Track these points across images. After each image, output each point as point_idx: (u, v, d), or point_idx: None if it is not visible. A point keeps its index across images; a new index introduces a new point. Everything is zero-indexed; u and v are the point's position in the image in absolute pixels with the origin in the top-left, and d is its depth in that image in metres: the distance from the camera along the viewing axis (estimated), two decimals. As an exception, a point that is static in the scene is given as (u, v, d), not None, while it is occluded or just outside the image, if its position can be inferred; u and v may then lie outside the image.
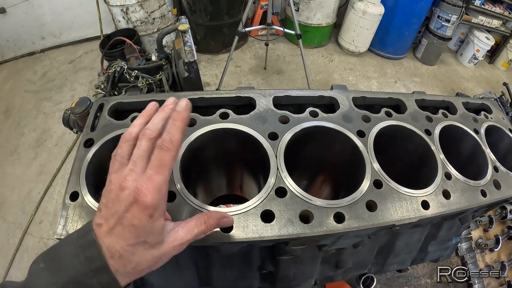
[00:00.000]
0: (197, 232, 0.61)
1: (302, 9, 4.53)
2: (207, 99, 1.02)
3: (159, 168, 0.55)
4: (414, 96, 1.19)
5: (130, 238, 0.53)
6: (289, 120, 0.96)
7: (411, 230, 1.19)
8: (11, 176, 3.45)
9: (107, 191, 0.56)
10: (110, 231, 0.53)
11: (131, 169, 0.55)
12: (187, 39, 2.58)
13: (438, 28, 4.65)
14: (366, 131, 0.99)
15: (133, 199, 0.52)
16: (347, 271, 1.31)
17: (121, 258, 0.52)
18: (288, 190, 0.82)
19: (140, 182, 0.53)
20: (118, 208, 0.53)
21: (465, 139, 1.15)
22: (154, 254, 0.56)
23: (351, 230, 0.80)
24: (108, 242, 0.52)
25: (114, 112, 1.05)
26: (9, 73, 4.79)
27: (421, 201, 0.90)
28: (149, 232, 0.54)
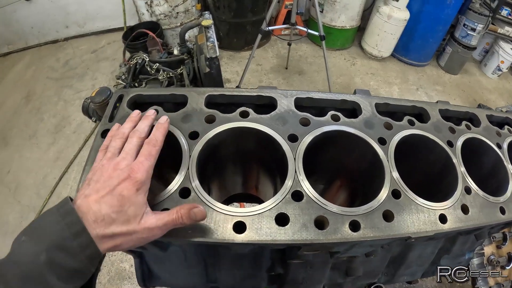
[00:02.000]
0: (167, 220, 0.68)
1: (326, 11, 4.49)
2: (228, 96, 1.01)
3: (148, 156, 0.71)
4: (438, 106, 1.15)
5: (116, 206, 0.63)
6: (310, 122, 0.94)
7: (425, 242, 1.16)
8: (28, 160, 3.52)
9: (98, 171, 0.68)
10: (100, 199, 0.63)
11: (123, 157, 0.70)
12: (210, 34, 2.58)
13: (463, 37, 4.56)
14: (388, 138, 0.97)
15: (127, 175, 0.66)
16: (356, 279, 1.28)
17: (103, 222, 0.61)
18: (304, 194, 0.80)
19: (132, 165, 0.68)
20: (111, 182, 0.65)
21: (487, 153, 1.11)
22: (129, 228, 0.64)
23: (366, 240, 0.78)
24: (95, 207, 0.62)
25: (133, 104, 1.05)
26: (32, 60, 4.89)
27: (439, 215, 0.87)
28: (132, 202, 0.65)
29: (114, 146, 0.73)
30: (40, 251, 0.56)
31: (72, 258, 0.58)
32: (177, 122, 0.93)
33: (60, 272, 0.57)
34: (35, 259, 0.56)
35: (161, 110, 0.97)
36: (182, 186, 0.80)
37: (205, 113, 0.95)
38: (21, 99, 4.23)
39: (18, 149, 3.67)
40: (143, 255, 1.19)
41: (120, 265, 2.65)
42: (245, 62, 4.43)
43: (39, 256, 0.56)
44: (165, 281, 1.29)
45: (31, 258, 0.56)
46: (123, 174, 0.66)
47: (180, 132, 0.90)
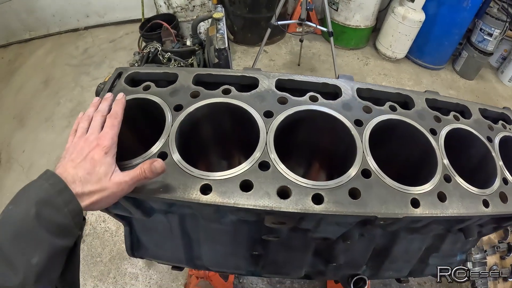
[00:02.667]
0: (132, 175, 0.77)
1: (341, 9, 4.47)
2: (214, 75, 1.07)
3: (111, 126, 0.83)
4: (425, 95, 1.16)
5: (89, 168, 0.74)
6: (288, 101, 0.98)
7: (410, 236, 1.15)
8: (43, 141, 3.64)
9: (72, 147, 0.80)
10: (76, 165, 0.74)
11: (91, 132, 0.82)
12: (220, 26, 2.64)
13: (479, 42, 4.48)
14: (365, 121, 0.98)
15: (96, 144, 0.78)
16: (339, 268, 1.30)
17: (80, 182, 0.71)
18: (271, 164, 0.84)
19: (100, 135, 0.80)
20: (83, 151, 0.77)
21: (475, 145, 1.10)
22: (102, 185, 0.73)
23: (329, 214, 0.80)
24: (72, 171, 0.72)
25: (131, 80, 1.13)
26: (52, 46, 5.03)
27: (411, 199, 0.86)
28: (102, 163, 0.75)
29: (82, 126, 0.84)
30: (29, 207, 0.63)
31: (58, 212, 0.65)
32: (165, 96, 1.00)
33: (48, 226, 0.63)
34: (25, 216, 0.62)
35: (153, 86, 1.04)
36: (161, 150, 0.87)
37: (191, 89, 1.01)
38: (39, 83, 4.36)
39: (34, 130, 3.79)
40: (132, 223, 1.25)
41: (122, 245, 2.72)
42: (260, 57, 4.48)
43: (29, 211, 0.62)
44: (152, 253, 1.34)
45: (22, 215, 0.62)
46: (92, 144, 0.78)
47: (166, 104, 0.97)
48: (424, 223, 1.02)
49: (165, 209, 1.01)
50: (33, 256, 0.60)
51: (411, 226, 1.05)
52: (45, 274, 0.61)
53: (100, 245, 2.75)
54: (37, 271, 0.60)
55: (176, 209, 1.05)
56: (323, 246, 1.19)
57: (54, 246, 0.64)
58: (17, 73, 4.61)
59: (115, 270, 2.61)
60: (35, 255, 0.60)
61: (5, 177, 3.40)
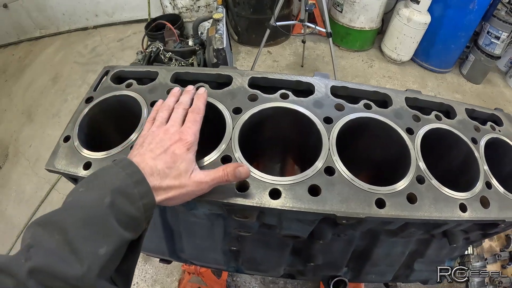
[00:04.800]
0: (214, 176, 0.75)
1: (345, 11, 4.48)
2: (192, 74, 1.10)
3: (194, 122, 0.81)
4: (405, 94, 1.12)
5: (170, 162, 0.72)
6: (258, 98, 0.99)
7: (391, 239, 1.12)
8: (50, 136, 3.74)
9: (150, 136, 0.77)
10: (156, 157, 0.72)
11: (172, 124, 0.79)
12: (219, 27, 2.69)
13: (486, 45, 4.43)
14: (335, 119, 0.96)
15: (178, 137, 0.76)
16: (318, 269, 1.29)
17: (158, 176, 0.69)
18: (233, 158, 0.86)
19: (182, 129, 0.78)
20: (164, 143, 0.74)
21: (457, 147, 1.04)
22: (181, 181, 0.72)
23: (286, 210, 0.79)
24: (151, 163, 0.70)
25: (117, 78, 1.17)
26: (62, 44, 5.17)
27: (376, 199, 0.83)
28: (183, 159, 0.73)
29: (162, 116, 0.82)
30: (104, 195, 0.60)
31: (132, 204, 0.63)
32: (144, 93, 1.04)
33: (120, 217, 0.60)
34: (99, 202, 0.59)
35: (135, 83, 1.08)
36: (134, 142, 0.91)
37: (168, 86, 1.05)
38: (48, 80, 4.49)
39: (41, 126, 3.91)
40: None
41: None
42: (263, 58, 4.53)
43: (104, 198, 0.60)
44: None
45: (96, 201, 0.60)
46: (174, 137, 0.76)
47: (144, 100, 1.01)
48: (398, 226, 0.98)
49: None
50: (101, 246, 0.56)
51: (387, 228, 1.01)
52: (108, 266, 0.58)
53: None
54: (102, 263, 0.56)
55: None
56: (300, 246, 1.18)
57: (123, 239, 0.60)
58: (27, 70, 4.74)
59: (112, 263, 2.67)
60: (103, 245, 0.57)
61: (12, 170, 3.53)
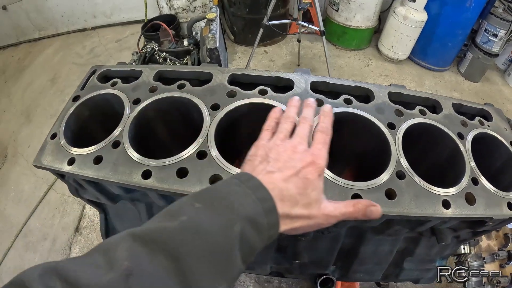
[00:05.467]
0: (344, 211, 0.67)
1: (341, 10, 4.48)
2: (174, 72, 1.13)
3: (324, 144, 0.70)
4: (388, 89, 1.11)
5: (301, 187, 0.62)
6: (237, 94, 1.02)
7: (377, 237, 1.12)
8: (48, 137, 3.76)
9: (274, 150, 0.68)
10: (287, 179, 0.62)
11: (299, 141, 0.69)
12: (212, 27, 2.70)
13: (484, 43, 4.42)
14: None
15: (311, 160, 0.65)
16: (305, 267, 1.30)
17: (289, 202, 0.60)
18: (208, 153, 0.89)
19: (313, 150, 0.68)
20: (295, 164, 0.64)
21: (442, 142, 1.04)
22: (311, 212, 0.63)
23: None
24: (282, 186, 0.61)
25: (103, 77, 1.20)
26: (60, 46, 5.19)
27: (353, 194, 0.83)
28: (315, 186, 0.64)
29: (286, 128, 0.73)
30: (234, 221, 0.52)
31: (259, 235, 0.55)
32: (127, 91, 1.07)
33: (244, 249, 0.52)
34: (227, 231, 0.51)
35: (120, 82, 1.10)
36: (115, 139, 0.93)
37: (151, 84, 1.08)
38: (47, 81, 4.51)
39: (40, 126, 3.92)
40: (107, 210, 1.32)
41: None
42: (259, 57, 4.55)
43: (233, 226, 0.51)
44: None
45: (223, 229, 0.51)
46: (306, 158, 0.66)
47: (127, 98, 1.04)
48: (379, 222, 0.98)
49: (125, 195, 1.07)
50: (220, 283, 0.48)
51: (369, 225, 1.02)
52: None
53: (96, 237, 2.83)
54: None
55: (139, 197, 1.10)
56: (284, 243, 1.19)
57: (240, 272, 0.53)
58: (26, 71, 4.77)
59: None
60: (222, 282, 0.48)
61: (11, 170, 3.54)
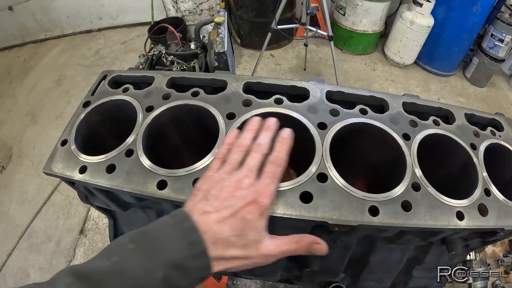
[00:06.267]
0: (285, 249, 0.64)
1: (348, 14, 4.47)
2: (187, 79, 1.11)
3: (273, 178, 0.65)
4: (402, 99, 1.10)
5: (238, 229, 0.58)
6: (252, 103, 1.00)
7: (388, 245, 1.10)
8: (53, 138, 3.74)
9: (218, 185, 0.63)
10: (222, 220, 0.58)
11: (246, 174, 0.64)
12: (220, 30, 2.69)
13: (490, 48, 4.40)
14: (329, 124, 0.95)
15: (253, 199, 0.60)
16: (315, 275, 1.27)
17: (222, 245, 0.57)
18: None
19: (258, 186, 0.62)
20: (234, 203, 0.60)
21: (455, 152, 1.03)
22: (248, 253, 0.60)
23: (276, 216, 0.79)
24: (216, 228, 0.57)
25: (114, 82, 1.18)
26: (66, 47, 5.22)
27: (370, 206, 0.82)
28: (254, 227, 0.60)
29: (235, 158, 0.68)
30: (157, 267, 0.52)
31: (186, 279, 0.54)
32: (140, 97, 1.05)
33: None
34: (150, 276, 0.51)
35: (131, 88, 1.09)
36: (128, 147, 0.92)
37: (164, 91, 1.06)
38: (52, 82, 4.53)
39: (45, 127, 3.94)
40: (116, 217, 1.30)
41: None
42: (266, 61, 4.54)
43: (155, 272, 0.51)
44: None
45: (146, 273, 0.51)
46: (248, 196, 0.61)
47: (140, 105, 1.02)
48: (393, 233, 0.97)
49: (137, 203, 1.06)
50: None
51: (383, 235, 1.00)
52: None
53: (101, 240, 2.85)
54: None
55: (150, 205, 1.09)
56: None
57: None
58: (32, 72, 4.79)
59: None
60: None
61: (16, 171, 3.55)
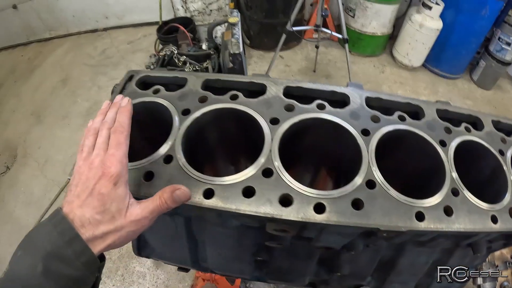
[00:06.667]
0: (152, 208, 0.67)
1: (358, 16, 4.46)
2: (223, 81, 1.07)
3: (117, 146, 0.68)
4: (436, 105, 1.11)
5: (98, 206, 0.61)
6: (295, 108, 0.97)
7: (417, 249, 1.11)
8: (59, 138, 3.72)
9: (77, 174, 0.66)
10: (82, 204, 0.61)
11: (97, 153, 0.67)
12: (235, 31, 2.66)
13: (497, 51, 4.38)
14: (372, 130, 0.95)
15: (101, 173, 0.64)
16: (343, 279, 1.27)
17: (90, 225, 0.60)
18: (274, 171, 0.83)
19: (104, 159, 0.66)
20: (88, 184, 0.63)
21: (486, 159, 1.04)
22: (116, 225, 0.63)
23: (329, 224, 0.78)
24: (79, 212, 0.61)
25: (142, 83, 1.14)
26: (71, 46, 5.18)
27: (416, 212, 0.83)
28: (113, 198, 0.63)
29: (87, 144, 0.71)
30: (36, 262, 0.55)
31: (69, 266, 0.57)
32: (173, 100, 1.01)
33: (58, 281, 0.56)
34: (32, 271, 0.55)
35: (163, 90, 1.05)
36: (167, 153, 0.88)
37: (200, 94, 1.02)
38: (57, 82, 4.49)
39: (50, 127, 3.90)
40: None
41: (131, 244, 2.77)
42: (275, 62, 4.49)
43: (36, 267, 0.55)
44: (158, 253, 1.34)
45: (28, 270, 0.55)
46: (98, 172, 0.64)
47: (174, 108, 0.98)
48: (430, 237, 0.98)
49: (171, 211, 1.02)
50: None
51: (418, 239, 1.01)
52: None
53: (109, 242, 2.79)
54: None
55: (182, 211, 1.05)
56: (327, 255, 1.17)
57: None
58: (36, 71, 4.74)
59: (123, 268, 2.66)
60: None
61: (21, 171, 3.50)
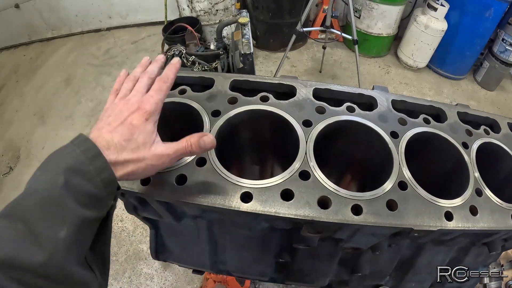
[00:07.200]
0: (176, 148, 0.71)
1: (363, 17, 4.46)
2: (251, 82, 1.07)
3: (158, 90, 0.72)
4: (457, 108, 1.16)
5: (126, 134, 0.65)
6: (326, 111, 0.98)
7: (436, 247, 1.15)
8: (63, 138, 3.68)
9: (109, 108, 0.71)
10: (113, 130, 0.65)
11: (134, 94, 0.72)
12: (245, 31, 2.65)
13: (501, 52, 4.39)
14: (400, 133, 0.98)
15: (137, 107, 0.69)
16: (362, 279, 1.29)
17: (115, 150, 0.64)
18: (311, 174, 0.84)
19: (143, 98, 0.71)
20: (122, 115, 0.68)
21: (505, 160, 1.09)
22: (139, 155, 0.66)
23: (367, 225, 0.80)
24: (108, 137, 0.64)
25: (166, 82, 1.13)
26: (74, 46, 5.14)
27: (445, 212, 0.86)
28: (141, 131, 0.67)
29: (126, 87, 0.75)
30: (57, 176, 0.56)
31: (89, 182, 0.58)
32: (202, 100, 1.00)
33: (78, 196, 0.56)
34: (53, 184, 0.55)
35: (189, 90, 1.04)
36: (200, 156, 0.87)
37: (229, 95, 1.01)
38: (61, 82, 4.45)
39: (54, 127, 3.87)
40: (158, 226, 1.26)
41: (139, 245, 2.75)
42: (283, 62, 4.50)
43: (57, 180, 0.55)
44: (176, 257, 1.34)
45: (49, 184, 0.55)
46: (133, 107, 0.69)
47: (204, 109, 0.97)
48: (453, 236, 1.01)
49: (198, 215, 1.01)
50: (60, 229, 0.53)
51: (440, 238, 1.04)
52: (73, 248, 0.55)
53: (117, 244, 2.77)
54: (65, 246, 0.53)
55: (207, 214, 1.05)
56: (349, 256, 1.18)
57: (84, 218, 0.57)
58: (39, 71, 4.71)
59: (130, 270, 2.63)
60: (62, 228, 0.53)
61: (24, 172, 3.48)
